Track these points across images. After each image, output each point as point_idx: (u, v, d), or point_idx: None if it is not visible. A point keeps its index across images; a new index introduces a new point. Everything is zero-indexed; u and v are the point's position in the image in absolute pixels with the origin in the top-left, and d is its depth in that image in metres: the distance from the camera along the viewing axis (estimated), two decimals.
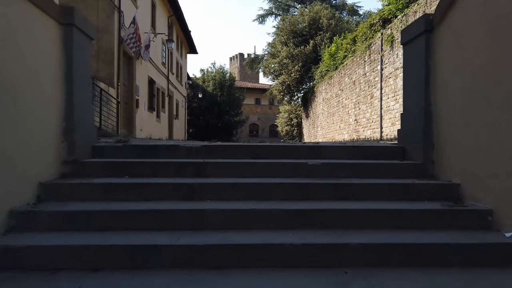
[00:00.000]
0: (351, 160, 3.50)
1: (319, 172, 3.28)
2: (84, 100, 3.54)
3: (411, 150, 3.55)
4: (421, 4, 12.09)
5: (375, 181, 3.09)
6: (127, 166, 3.28)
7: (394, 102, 14.26)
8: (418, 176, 3.30)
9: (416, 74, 3.53)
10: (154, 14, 20.85)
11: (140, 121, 17.66)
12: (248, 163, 3.33)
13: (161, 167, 3.27)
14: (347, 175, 3.27)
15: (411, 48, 3.64)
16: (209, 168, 3.28)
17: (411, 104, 3.65)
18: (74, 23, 3.27)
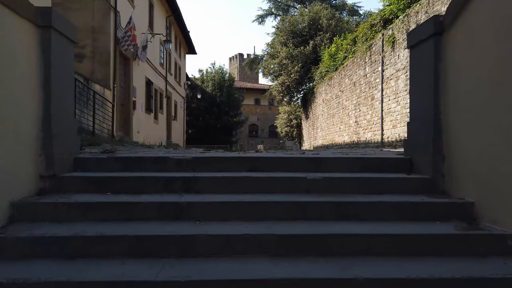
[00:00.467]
0: (354, 174, 3.23)
1: (319, 187, 3.01)
2: (65, 109, 3.27)
3: (419, 163, 3.28)
4: (423, 4, 11.82)
5: (380, 198, 2.82)
6: (110, 181, 3.00)
7: (396, 104, 13.99)
8: (427, 192, 3.03)
9: (424, 80, 3.26)
10: (152, 14, 20.57)
11: (137, 123, 17.38)
12: (242, 177, 3.06)
13: (147, 182, 2.99)
14: (349, 191, 3.00)
15: (419, 51, 3.37)
16: (200, 184, 3.01)
17: (418, 112, 3.37)
18: (52, 25, 3.00)
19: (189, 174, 3.11)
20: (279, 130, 35.19)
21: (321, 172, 3.28)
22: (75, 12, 13.76)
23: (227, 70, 44.90)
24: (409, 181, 3.07)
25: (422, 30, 3.30)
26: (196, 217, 2.64)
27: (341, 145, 20.30)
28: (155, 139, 21.11)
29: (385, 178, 3.08)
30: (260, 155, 3.57)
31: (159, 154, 3.60)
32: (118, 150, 3.99)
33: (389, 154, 3.88)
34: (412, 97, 3.52)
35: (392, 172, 3.35)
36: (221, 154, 3.61)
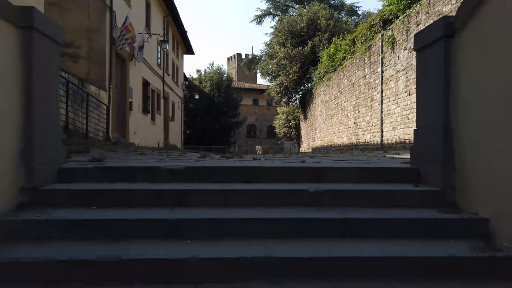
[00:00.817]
0: (358, 185, 3.02)
1: (322, 200, 2.80)
2: (49, 116, 3.04)
3: (427, 173, 3.07)
4: (423, 4, 11.63)
5: (388, 214, 2.60)
6: (96, 194, 2.78)
7: (395, 105, 13.79)
8: (437, 205, 2.82)
9: (433, 85, 3.05)
10: (148, 14, 20.32)
11: (134, 124, 17.15)
12: (238, 190, 2.84)
13: (136, 195, 2.77)
14: (354, 205, 2.79)
15: (427, 55, 3.15)
16: (193, 197, 2.79)
17: (426, 120, 3.16)
18: (34, 25, 2.77)
19: (181, 186, 2.89)
20: (277, 130, 34.98)
21: (324, 183, 3.06)
22: (70, 12, 13.53)
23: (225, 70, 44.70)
24: (417, 194, 2.86)
25: (431, 32, 3.09)
26: (187, 235, 2.42)
27: (340, 146, 20.09)
28: (152, 140, 20.87)
29: (392, 190, 2.87)
30: (258, 164, 3.35)
31: (151, 164, 3.38)
32: (107, 158, 3.76)
33: (394, 163, 3.67)
34: (419, 103, 3.31)
35: (399, 182, 3.14)
36: (216, 163, 3.39)
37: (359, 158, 4.28)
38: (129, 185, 2.90)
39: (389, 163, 3.64)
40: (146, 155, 4.57)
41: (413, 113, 12.26)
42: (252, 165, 3.26)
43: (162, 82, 23.57)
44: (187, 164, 3.31)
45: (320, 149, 24.00)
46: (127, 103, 16.29)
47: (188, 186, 2.87)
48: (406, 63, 12.79)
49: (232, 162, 3.67)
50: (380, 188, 2.92)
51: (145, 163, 3.48)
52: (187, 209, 2.67)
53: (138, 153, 4.75)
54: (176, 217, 2.46)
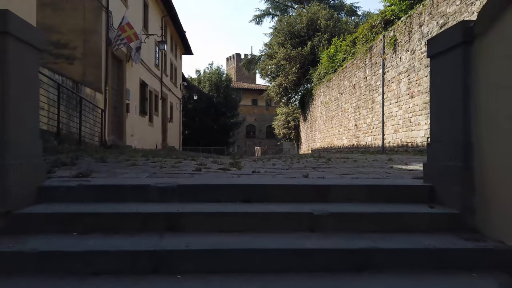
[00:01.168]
0: (367, 206, 2.74)
1: (327, 225, 2.53)
2: (27, 130, 2.77)
3: (443, 193, 2.80)
4: (427, 5, 11.37)
5: (402, 242, 2.32)
6: (78, 218, 2.50)
7: (397, 108, 13.53)
8: (454, 230, 2.54)
9: (450, 96, 2.77)
10: (146, 15, 20.04)
11: (131, 126, 16.87)
12: (235, 213, 2.56)
13: (123, 219, 2.49)
14: (363, 230, 2.51)
15: (442, 62, 2.88)
16: (185, 221, 2.51)
17: (442, 133, 2.89)
18: (8, 30, 2.50)
19: (173, 208, 2.60)
20: (276, 131, 34.74)
21: (329, 203, 2.79)
22: (65, 13, 13.25)
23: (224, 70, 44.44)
24: (433, 218, 2.58)
25: (447, 37, 2.81)
26: (178, 269, 2.15)
27: (340, 148, 19.84)
28: (150, 142, 20.59)
29: (405, 213, 2.59)
30: (257, 181, 3.07)
31: (140, 181, 3.10)
32: (94, 172, 3.48)
33: (404, 178, 3.39)
34: (433, 114, 3.04)
35: (411, 202, 2.86)
36: (212, 180, 3.12)
37: (365, 170, 4.00)
38: (115, 207, 2.62)
39: (399, 179, 3.36)
40: (137, 166, 4.28)
41: (416, 116, 11.99)
42: (251, 183, 2.98)
43: (160, 83, 23.29)
44: (180, 181, 3.03)
45: (320, 150, 23.73)
46: (124, 105, 16.01)
47: (180, 208, 2.59)
48: (408, 65, 12.53)
49: (230, 177, 3.39)
50: (391, 210, 2.65)
51: (134, 179, 3.21)
52: (179, 235, 2.39)
53: (130, 163, 4.47)
54: (165, 248, 2.18)
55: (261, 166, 5.04)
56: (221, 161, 6.20)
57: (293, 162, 5.97)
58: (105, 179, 3.16)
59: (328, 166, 4.72)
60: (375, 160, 5.99)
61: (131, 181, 3.06)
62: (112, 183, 2.92)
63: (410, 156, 8.78)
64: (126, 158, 5.46)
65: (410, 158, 7.37)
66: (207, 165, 5.01)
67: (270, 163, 5.68)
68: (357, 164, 4.99)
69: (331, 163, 5.56)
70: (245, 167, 4.90)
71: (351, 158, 7.69)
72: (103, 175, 3.38)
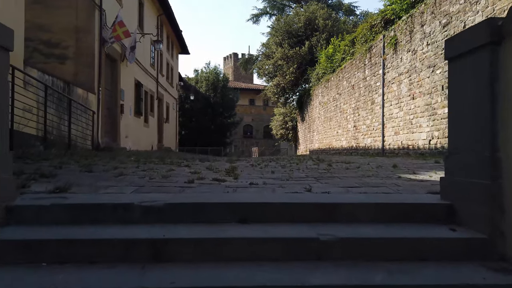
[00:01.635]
0: (380, 229, 2.41)
1: (336, 253, 2.20)
2: None
3: (466, 214, 2.48)
4: (429, 4, 11.07)
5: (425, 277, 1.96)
6: (48, 245, 2.16)
7: (398, 109, 13.24)
8: (481, 257, 2.22)
9: (473, 103, 2.45)
10: (141, 13, 19.67)
11: (125, 128, 16.50)
12: (230, 240, 2.23)
13: (101, 247, 2.15)
14: (377, 257, 2.19)
15: (464, 65, 2.56)
16: (172, 248, 2.17)
17: (464, 145, 2.57)
18: None
19: (159, 232, 2.27)
20: (274, 132, 34.46)
21: (336, 224, 2.46)
22: (57, 11, 12.88)
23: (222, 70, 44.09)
24: (456, 243, 2.26)
25: (470, 37, 2.49)
26: None
27: (339, 149, 19.55)
28: (145, 144, 20.22)
29: (425, 239, 2.26)
30: (255, 198, 2.75)
31: (124, 198, 2.77)
32: (75, 185, 3.14)
33: (418, 194, 3.07)
34: (452, 123, 2.71)
35: (429, 222, 2.54)
36: (204, 198, 2.78)
37: (372, 182, 3.68)
38: (93, 232, 2.28)
39: (412, 194, 3.04)
40: (125, 176, 3.94)
41: (417, 118, 11.70)
42: (249, 201, 2.65)
43: (156, 83, 22.93)
44: (169, 197, 2.70)
45: (318, 151, 23.43)
46: (118, 106, 15.64)
47: (167, 233, 2.25)
48: (409, 65, 12.24)
49: (225, 192, 3.06)
50: (408, 234, 2.32)
51: (118, 194, 2.87)
52: (164, 268, 2.04)
53: (117, 173, 4.12)
54: (146, 286, 1.84)
55: (259, 174, 4.72)
56: (217, 167, 5.87)
57: (293, 168, 5.65)
58: (85, 196, 2.82)
59: (331, 175, 4.40)
60: (379, 167, 5.68)
61: (114, 198, 2.72)
62: (91, 201, 2.58)
63: (413, 160, 8.48)
64: (115, 165, 5.11)
65: (414, 163, 7.06)
66: (201, 173, 4.68)
67: (269, 170, 5.35)
68: (361, 173, 4.67)
69: (333, 170, 5.23)
70: (241, 175, 4.58)
71: (353, 163, 7.37)
72: (84, 189, 3.04)
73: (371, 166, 5.99)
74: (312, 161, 9.45)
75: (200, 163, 7.47)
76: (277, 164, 7.72)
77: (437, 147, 10.41)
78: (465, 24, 9.18)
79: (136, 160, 6.83)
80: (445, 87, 9.99)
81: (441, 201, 2.68)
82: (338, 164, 6.99)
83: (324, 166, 6.28)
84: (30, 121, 6.95)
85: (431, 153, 10.54)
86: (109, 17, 13.91)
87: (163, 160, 7.51)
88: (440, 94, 10.26)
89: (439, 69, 10.32)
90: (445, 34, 10.09)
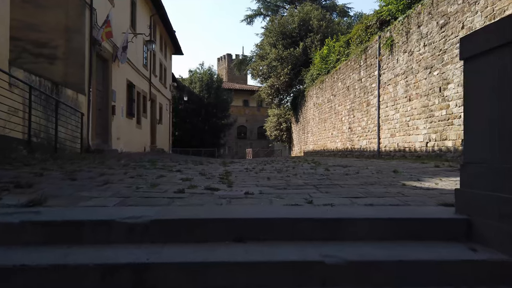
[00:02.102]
0: (391, 248, 2.16)
1: (343, 279, 1.94)
2: None
3: (487, 231, 2.23)
4: (426, 4, 10.89)
5: None
6: (12, 274, 1.88)
7: (394, 111, 13.05)
8: (506, 283, 1.99)
9: (498, 108, 2.21)
10: (134, 13, 19.32)
11: (117, 129, 16.15)
12: (224, 264, 1.96)
13: (74, 275, 1.88)
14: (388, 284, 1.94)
15: (485, 65, 2.31)
16: (157, 275, 1.90)
17: (484, 154, 2.32)
18: None
19: (142, 255, 1.99)
20: (268, 133, 34.23)
21: (343, 244, 2.20)
22: (47, 10, 12.54)
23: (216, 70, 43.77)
24: (480, 267, 2.01)
25: (491, 35, 2.24)
26: None
27: (334, 151, 19.34)
28: (138, 145, 19.85)
29: (444, 262, 2.01)
30: (252, 213, 2.48)
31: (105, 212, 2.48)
32: (52, 197, 2.84)
33: (428, 206, 2.82)
34: (470, 129, 2.46)
35: (444, 240, 2.29)
36: (195, 213, 2.51)
37: (376, 190, 3.43)
38: (66, 255, 1.99)
39: (422, 207, 2.79)
40: (111, 185, 3.65)
41: (414, 120, 11.51)
42: (244, 216, 2.37)
43: (149, 84, 22.58)
44: (155, 212, 2.42)
45: (313, 153, 23.22)
46: (110, 107, 15.29)
47: (151, 256, 1.97)
48: (406, 66, 12.05)
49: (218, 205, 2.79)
50: (425, 256, 2.05)
51: (99, 208, 2.59)
52: None
53: (103, 180, 3.83)
54: None
55: (254, 181, 4.45)
56: (210, 173, 5.60)
57: (289, 174, 5.39)
58: (61, 211, 2.52)
59: (331, 182, 4.14)
60: (379, 172, 5.44)
61: (93, 213, 2.44)
62: (67, 218, 2.28)
63: (411, 163, 8.27)
64: (102, 171, 4.81)
65: (414, 167, 6.84)
66: (193, 179, 4.41)
67: (264, 176, 5.09)
68: (362, 180, 4.42)
69: (332, 176, 4.98)
70: (236, 182, 4.31)
71: (351, 167, 7.14)
72: (62, 202, 2.75)
73: (371, 171, 5.75)
74: (308, 164, 9.21)
75: (193, 167, 7.19)
76: (272, 167, 7.47)
77: (434, 150, 10.22)
78: (464, 25, 9.00)
79: (125, 164, 6.53)
80: (442, 88, 9.81)
81: (457, 216, 2.43)
82: (336, 169, 6.75)
83: (321, 171, 6.04)
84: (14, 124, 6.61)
85: (428, 156, 10.35)
86: (100, 16, 13.57)
87: (155, 164, 7.21)
88: (438, 96, 10.08)
89: (436, 70, 10.14)
90: (442, 35, 9.92)
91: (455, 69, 9.23)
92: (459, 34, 9.11)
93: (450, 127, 9.41)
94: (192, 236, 2.25)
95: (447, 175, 4.98)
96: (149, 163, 7.48)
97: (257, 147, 47.43)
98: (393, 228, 2.33)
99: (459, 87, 9.06)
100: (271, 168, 7.19)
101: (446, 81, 9.62)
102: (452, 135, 9.34)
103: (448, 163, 7.51)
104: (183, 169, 6.16)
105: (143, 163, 7.43)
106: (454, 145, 9.20)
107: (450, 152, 9.35)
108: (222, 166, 8.04)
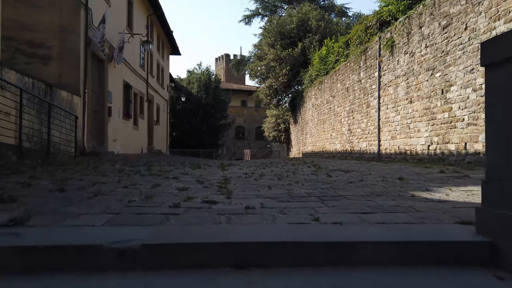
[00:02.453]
0: (409, 276, 1.95)
1: None
2: None
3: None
4: (427, 5, 10.70)
5: None
6: None
7: (395, 113, 12.86)
8: None
9: None
10: (130, 13, 19.08)
11: (113, 131, 15.90)
12: None
13: None
14: None
15: (508, 73, 2.11)
16: None
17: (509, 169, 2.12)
18: None
19: (133, 286, 1.78)
20: (266, 134, 34.02)
21: (355, 270, 1.99)
22: (41, 9, 12.30)
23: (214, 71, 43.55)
24: None
25: None
26: None
27: (333, 153, 19.14)
28: (134, 147, 19.60)
29: None
30: (254, 236, 2.26)
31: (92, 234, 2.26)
32: (36, 214, 2.62)
33: (445, 224, 2.61)
34: (492, 143, 2.25)
35: (465, 265, 2.08)
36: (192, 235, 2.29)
37: (386, 203, 3.22)
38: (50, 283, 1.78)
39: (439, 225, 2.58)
40: (101, 197, 3.42)
41: (415, 122, 11.31)
42: (245, 240, 2.15)
43: (146, 85, 22.33)
44: (146, 236, 2.20)
45: (312, 154, 23.02)
46: (106, 108, 15.04)
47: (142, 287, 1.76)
48: (407, 68, 11.86)
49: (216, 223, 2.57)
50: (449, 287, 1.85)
51: (86, 228, 2.36)
52: None
53: (93, 191, 3.60)
54: None
55: (254, 191, 4.25)
56: (208, 180, 5.39)
57: (291, 181, 5.18)
58: (43, 232, 2.29)
59: (336, 193, 3.93)
60: (384, 180, 5.23)
61: (79, 235, 2.21)
62: (49, 243, 2.05)
63: (414, 167, 8.07)
64: (94, 179, 4.58)
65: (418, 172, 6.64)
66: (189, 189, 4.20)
67: (265, 184, 4.88)
68: (368, 189, 4.22)
69: (336, 184, 4.77)
70: (235, 192, 4.10)
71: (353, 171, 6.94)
72: (47, 220, 2.52)
73: (375, 178, 5.55)
74: (308, 168, 9.00)
75: (191, 171, 6.97)
76: (272, 172, 7.26)
77: (436, 153, 10.03)
78: (467, 26, 8.81)
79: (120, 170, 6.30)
80: (445, 91, 9.62)
81: (479, 238, 2.22)
82: (338, 174, 6.54)
83: (323, 177, 5.83)
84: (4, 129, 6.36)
85: (430, 159, 10.16)
86: (95, 16, 13.33)
87: (150, 168, 6.99)
88: (440, 98, 9.89)
89: (439, 72, 9.95)
90: (444, 36, 9.72)
91: (458, 71, 9.04)
92: (462, 35, 8.92)
93: (453, 130, 9.22)
94: (189, 262, 2.03)
95: (455, 183, 4.78)
96: (145, 167, 7.25)
97: (255, 148, 47.23)
98: (410, 253, 2.13)
99: (462, 89, 8.87)
100: (271, 173, 6.98)
101: (449, 83, 9.43)
102: (455, 138, 9.15)
103: (453, 168, 7.32)
104: (179, 175, 5.94)
105: (139, 168, 7.20)
106: (457, 149, 9.01)
107: (453, 156, 9.16)
108: (220, 170, 7.83)
